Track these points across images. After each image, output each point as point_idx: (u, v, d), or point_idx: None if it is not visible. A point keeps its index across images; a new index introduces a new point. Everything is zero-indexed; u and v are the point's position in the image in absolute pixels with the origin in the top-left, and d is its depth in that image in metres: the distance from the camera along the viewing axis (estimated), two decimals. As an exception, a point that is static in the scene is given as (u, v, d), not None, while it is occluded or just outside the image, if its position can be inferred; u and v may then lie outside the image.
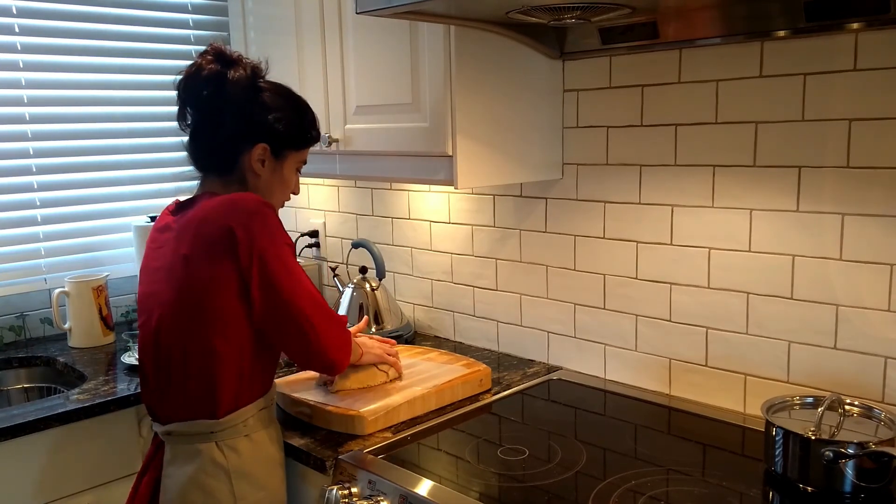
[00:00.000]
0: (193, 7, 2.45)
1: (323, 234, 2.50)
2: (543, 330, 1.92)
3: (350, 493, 1.33)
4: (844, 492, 1.17)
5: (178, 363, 1.34)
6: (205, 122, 1.40)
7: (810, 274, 1.43)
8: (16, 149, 2.14)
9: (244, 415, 1.36)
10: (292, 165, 1.47)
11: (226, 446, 1.34)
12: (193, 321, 1.31)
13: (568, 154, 1.79)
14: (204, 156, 1.43)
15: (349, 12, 1.77)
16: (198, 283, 1.30)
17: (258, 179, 1.42)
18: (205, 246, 1.30)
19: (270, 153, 1.41)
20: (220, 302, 1.30)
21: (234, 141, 1.39)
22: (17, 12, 2.11)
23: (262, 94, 1.40)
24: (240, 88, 1.37)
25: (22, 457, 1.60)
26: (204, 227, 1.31)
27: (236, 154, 1.40)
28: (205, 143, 1.41)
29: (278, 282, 1.30)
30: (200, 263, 1.30)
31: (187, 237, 1.32)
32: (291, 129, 1.43)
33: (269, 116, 1.39)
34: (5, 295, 2.15)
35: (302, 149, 1.47)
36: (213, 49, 1.39)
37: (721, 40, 1.47)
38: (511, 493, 1.29)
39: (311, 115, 1.49)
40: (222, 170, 1.41)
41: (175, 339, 1.34)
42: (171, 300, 1.33)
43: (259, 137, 1.39)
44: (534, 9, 1.36)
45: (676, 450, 1.42)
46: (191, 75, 1.38)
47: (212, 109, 1.38)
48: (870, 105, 1.32)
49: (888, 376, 1.36)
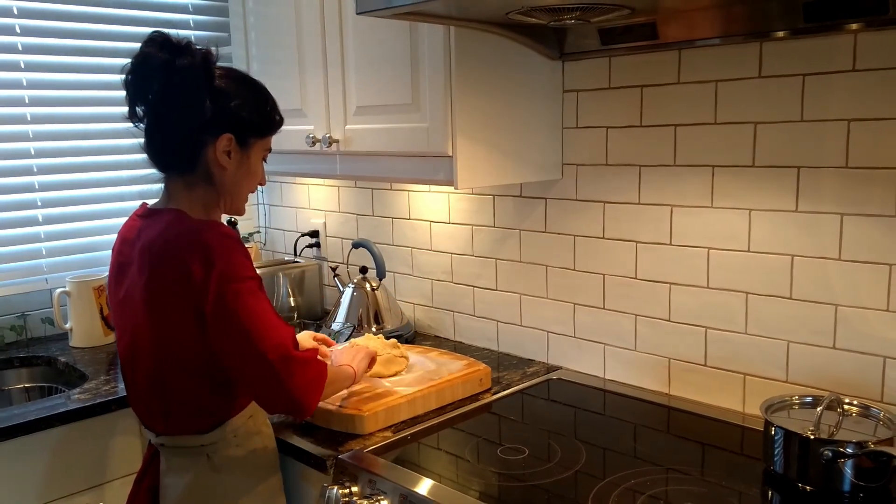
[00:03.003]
0: (194, 7, 2.45)
1: (323, 234, 2.50)
2: (543, 330, 1.92)
3: (350, 493, 1.33)
4: (843, 491, 1.17)
5: (156, 382, 1.31)
6: (158, 118, 1.28)
7: (809, 274, 1.44)
8: (17, 149, 2.14)
9: (232, 426, 1.33)
10: (258, 154, 1.37)
11: (217, 458, 1.33)
12: (160, 349, 1.28)
13: (568, 154, 1.79)
14: (162, 155, 1.32)
15: (349, 12, 1.77)
16: (159, 317, 1.26)
17: (224, 173, 1.31)
18: (162, 282, 1.24)
19: (236, 143, 1.30)
20: (182, 339, 1.25)
21: (193, 135, 1.28)
22: (18, 13, 2.11)
23: (218, 81, 1.28)
24: (193, 77, 1.25)
25: (22, 457, 1.60)
26: (162, 262, 1.24)
27: (197, 149, 1.29)
28: (161, 140, 1.30)
29: (236, 322, 1.21)
30: (160, 298, 1.25)
31: (146, 268, 1.26)
32: (255, 116, 1.33)
33: (230, 104, 1.28)
34: (6, 295, 2.15)
35: (267, 135, 1.37)
36: (158, 36, 1.26)
37: (720, 41, 1.47)
38: (511, 493, 1.29)
39: (271, 98, 1.38)
40: (184, 168, 1.31)
41: (148, 361, 1.31)
42: (139, 323, 1.30)
43: (222, 127, 1.28)
44: (534, 10, 1.36)
45: (676, 449, 1.42)
46: (136, 67, 1.26)
47: (165, 103, 1.27)
48: (869, 105, 1.32)
49: (887, 376, 1.37)
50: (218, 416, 1.32)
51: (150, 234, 1.28)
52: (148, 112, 1.29)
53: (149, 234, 1.28)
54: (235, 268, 1.23)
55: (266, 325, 1.23)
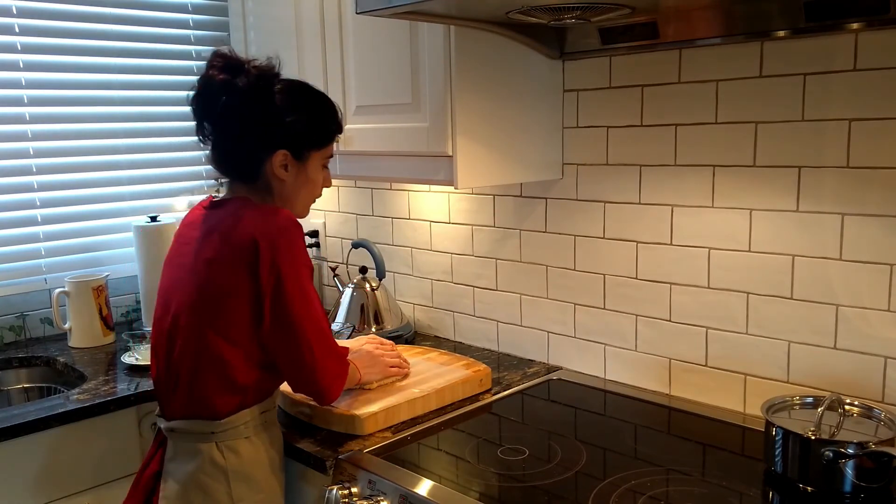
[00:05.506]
0: (193, 7, 2.45)
1: (323, 234, 2.50)
2: (543, 330, 1.92)
3: (350, 493, 1.33)
4: (844, 492, 1.17)
5: (187, 361, 1.35)
6: (221, 136, 1.38)
7: (810, 274, 1.43)
8: (16, 149, 2.13)
9: (245, 417, 1.36)
10: (317, 164, 1.44)
11: (225, 447, 1.35)
12: (206, 324, 1.32)
13: (568, 154, 1.79)
14: (227, 167, 1.42)
15: (349, 12, 1.77)
16: (216, 289, 1.32)
17: (283, 185, 1.40)
18: (229, 254, 1.31)
19: (292, 157, 1.39)
20: (234, 311, 1.31)
21: (253, 151, 1.37)
22: (17, 12, 2.10)
23: (275, 98, 1.36)
24: (251, 96, 1.34)
25: (22, 457, 1.60)
26: (232, 236, 1.31)
27: (258, 163, 1.38)
28: (225, 155, 1.40)
29: (290, 303, 1.31)
30: (222, 270, 1.32)
31: (214, 242, 1.33)
32: (310, 129, 1.41)
33: (285, 119, 1.37)
34: (5, 295, 2.15)
35: (324, 146, 1.44)
36: (220, 57, 1.35)
37: (721, 40, 1.47)
38: (511, 493, 1.29)
39: (329, 108, 1.45)
40: (246, 179, 1.40)
41: (186, 339, 1.35)
42: (189, 300, 1.34)
43: (277, 144, 1.37)
44: (534, 9, 1.36)
45: (676, 450, 1.42)
46: (200, 91, 1.35)
47: (226, 122, 1.36)
48: (870, 105, 1.32)
49: (888, 376, 1.36)
50: (241, 399, 1.35)
51: (220, 215, 1.37)
52: (212, 130, 1.38)
53: (218, 216, 1.37)
54: (298, 254, 1.33)
55: (314, 312, 1.35)
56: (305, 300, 1.33)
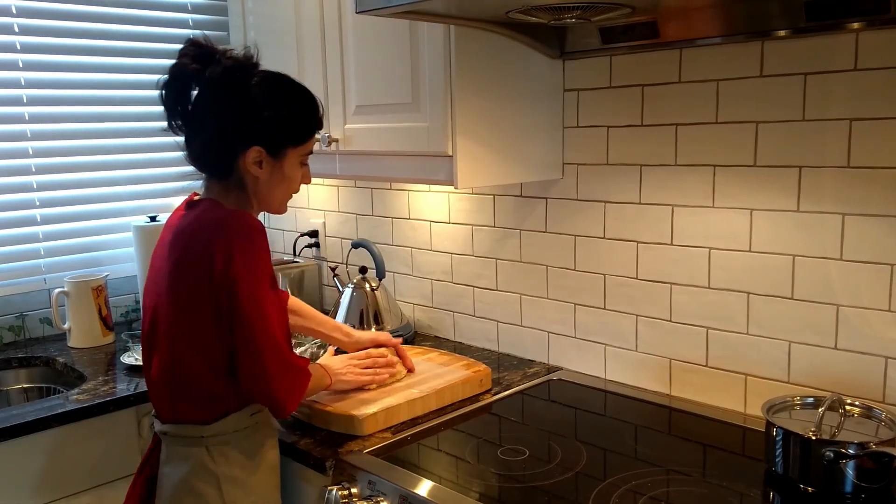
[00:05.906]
0: (193, 7, 2.45)
1: (323, 234, 2.50)
2: (543, 330, 1.92)
3: (350, 494, 1.33)
4: (845, 492, 1.17)
5: (165, 375, 1.33)
6: (192, 128, 1.32)
7: (811, 274, 1.43)
8: (15, 148, 2.13)
9: (233, 422, 1.33)
10: (294, 161, 1.36)
11: (216, 451, 1.33)
12: (176, 333, 1.31)
13: (568, 154, 1.78)
14: (198, 162, 1.36)
15: (349, 12, 1.77)
16: (179, 297, 1.30)
17: (257, 182, 1.34)
18: (188, 265, 1.28)
19: (267, 154, 1.31)
20: (197, 322, 1.28)
21: (225, 145, 1.31)
22: (17, 12, 2.10)
23: (251, 91, 1.29)
24: (225, 87, 1.27)
25: (22, 457, 1.60)
26: (190, 245, 1.29)
27: (230, 159, 1.32)
28: (197, 149, 1.34)
29: (242, 316, 1.25)
30: (182, 279, 1.29)
31: (176, 249, 1.31)
32: (288, 125, 1.32)
33: (261, 114, 1.29)
34: (5, 295, 2.14)
35: (302, 144, 1.36)
36: (193, 45, 1.27)
37: (721, 40, 1.47)
38: (511, 494, 1.29)
39: (309, 102, 1.36)
40: (220, 174, 1.34)
41: (160, 350, 1.34)
42: (160, 304, 1.33)
43: (252, 139, 1.29)
44: (534, 9, 1.36)
45: (677, 450, 1.42)
46: (170, 80, 1.28)
47: (197, 114, 1.30)
48: (870, 105, 1.32)
49: (888, 376, 1.36)
50: (223, 407, 1.33)
51: (189, 218, 1.33)
52: (183, 122, 1.32)
53: (188, 219, 1.33)
54: (255, 262, 1.27)
55: (268, 324, 1.28)
56: (260, 312, 1.26)
